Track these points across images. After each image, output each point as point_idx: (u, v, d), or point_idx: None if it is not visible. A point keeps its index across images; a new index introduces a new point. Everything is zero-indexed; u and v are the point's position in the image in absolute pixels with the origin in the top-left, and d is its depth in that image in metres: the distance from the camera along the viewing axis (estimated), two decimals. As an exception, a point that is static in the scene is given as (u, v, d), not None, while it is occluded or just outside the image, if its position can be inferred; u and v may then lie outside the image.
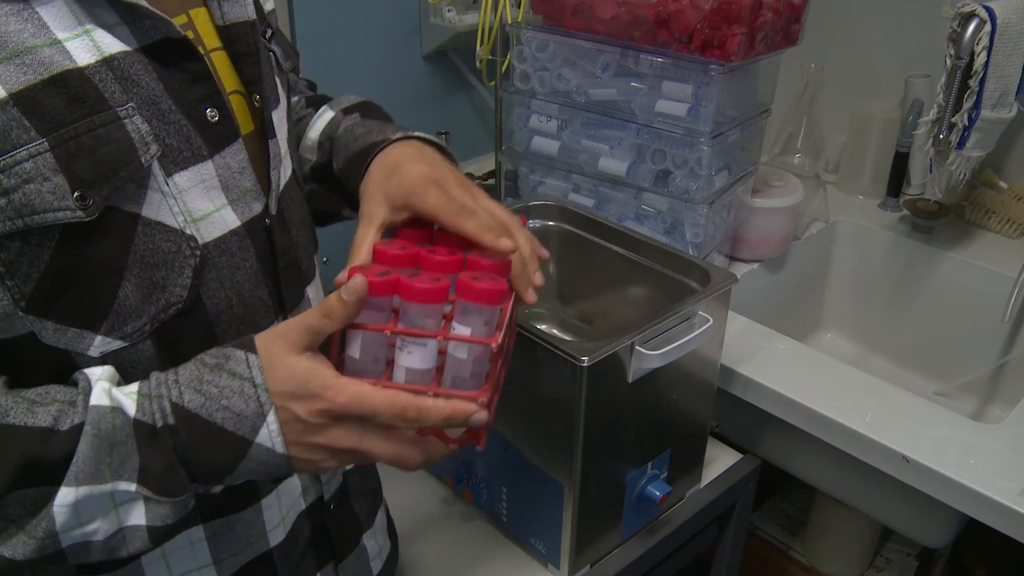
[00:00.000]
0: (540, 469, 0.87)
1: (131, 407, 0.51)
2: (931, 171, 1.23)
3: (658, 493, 0.92)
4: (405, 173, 0.64)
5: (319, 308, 0.54)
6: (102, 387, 0.51)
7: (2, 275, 0.49)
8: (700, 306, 0.88)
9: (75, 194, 0.49)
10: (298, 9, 1.29)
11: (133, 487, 0.51)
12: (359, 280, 0.53)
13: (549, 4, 1.15)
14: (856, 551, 1.36)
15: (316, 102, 0.81)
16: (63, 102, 0.49)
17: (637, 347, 0.81)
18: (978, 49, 1.10)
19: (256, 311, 0.61)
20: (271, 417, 0.52)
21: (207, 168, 0.56)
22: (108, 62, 0.51)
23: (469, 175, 1.53)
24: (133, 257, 0.53)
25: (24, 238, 0.49)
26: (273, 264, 0.62)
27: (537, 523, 0.91)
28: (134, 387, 0.53)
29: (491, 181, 1.46)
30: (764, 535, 1.45)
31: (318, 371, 0.53)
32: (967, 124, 1.14)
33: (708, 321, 0.87)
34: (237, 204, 0.58)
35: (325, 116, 0.79)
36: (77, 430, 0.49)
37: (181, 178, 0.54)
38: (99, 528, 0.51)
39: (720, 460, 1.09)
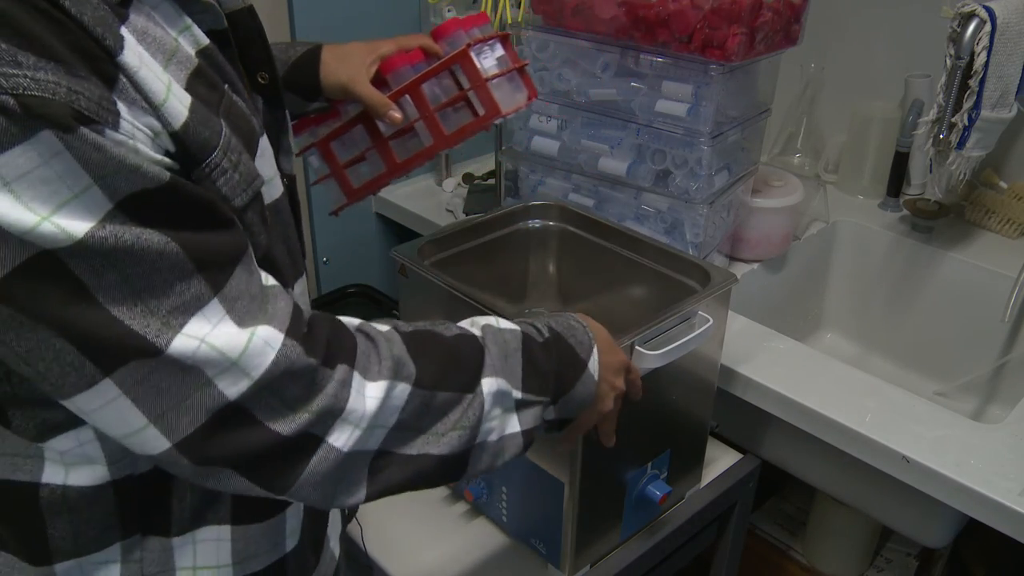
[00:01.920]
0: (540, 469, 0.87)
1: (515, 327, 0.65)
2: (931, 171, 1.23)
3: (658, 493, 0.92)
4: (354, 46, 0.88)
5: None
6: (476, 319, 0.65)
7: (257, 235, 0.55)
8: (700, 306, 0.88)
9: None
10: (298, 9, 1.29)
11: (519, 395, 0.63)
12: None
13: (549, 4, 1.15)
14: (856, 551, 1.35)
15: None
16: (206, 90, 0.52)
17: (637, 347, 0.81)
18: (978, 49, 1.10)
19: (297, 261, 0.66)
20: (595, 351, 0.68)
21: (264, 139, 0.60)
22: (203, 52, 0.54)
23: (469, 175, 1.53)
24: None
25: (252, 207, 0.54)
26: (297, 218, 0.67)
27: (537, 523, 0.91)
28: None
29: (491, 181, 1.46)
30: (764, 535, 1.45)
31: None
32: (967, 124, 1.14)
33: (708, 321, 0.87)
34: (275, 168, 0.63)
35: None
36: (480, 336, 0.62)
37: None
38: (494, 427, 0.61)
39: (720, 460, 1.09)
